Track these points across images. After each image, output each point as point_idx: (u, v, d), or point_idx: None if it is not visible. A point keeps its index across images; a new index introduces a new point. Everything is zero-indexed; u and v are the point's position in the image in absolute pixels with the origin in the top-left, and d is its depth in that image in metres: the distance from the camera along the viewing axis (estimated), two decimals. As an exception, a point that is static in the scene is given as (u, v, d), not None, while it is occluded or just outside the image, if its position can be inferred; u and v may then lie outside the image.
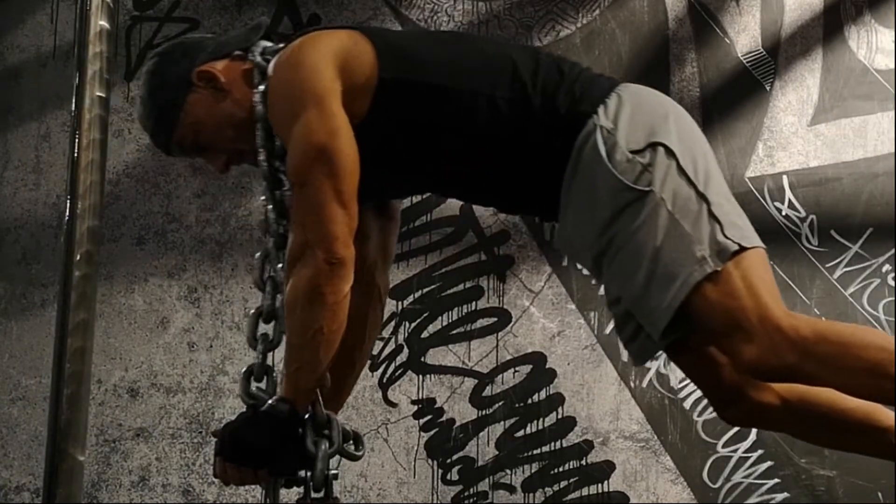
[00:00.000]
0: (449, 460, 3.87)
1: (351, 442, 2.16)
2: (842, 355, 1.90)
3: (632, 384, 3.84)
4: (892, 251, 3.74)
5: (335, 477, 2.11)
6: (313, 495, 2.05)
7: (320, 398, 2.10)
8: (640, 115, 2.05)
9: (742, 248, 1.95)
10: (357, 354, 2.31)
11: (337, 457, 2.10)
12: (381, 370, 3.94)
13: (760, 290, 1.93)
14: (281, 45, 2.18)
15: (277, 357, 4.19)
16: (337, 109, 2.05)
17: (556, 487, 3.83)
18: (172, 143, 2.23)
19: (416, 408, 3.91)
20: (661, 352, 2.15)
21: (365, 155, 2.06)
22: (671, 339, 2.04)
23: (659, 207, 1.97)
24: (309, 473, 2.05)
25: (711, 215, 1.97)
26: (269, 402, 2.06)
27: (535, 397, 3.88)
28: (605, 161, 2.00)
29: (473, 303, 3.96)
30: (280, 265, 2.13)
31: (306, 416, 2.06)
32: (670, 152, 2.00)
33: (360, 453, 2.19)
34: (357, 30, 2.16)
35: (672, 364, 3.82)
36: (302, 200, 2.04)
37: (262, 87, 2.12)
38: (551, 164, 2.06)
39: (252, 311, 2.20)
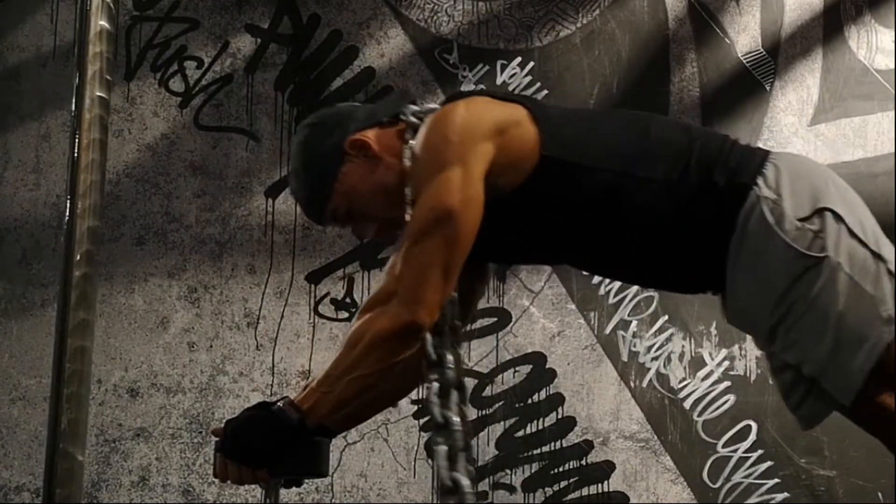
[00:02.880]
0: (449, 460, 3.87)
1: None
2: None
3: (632, 384, 3.84)
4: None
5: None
6: None
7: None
8: (800, 183, 2.06)
9: None
10: (398, 397, 2.35)
11: (335, 454, 2.10)
12: (381, 370, 3.93)
13: None
14: (434, 106, 2.17)
15: (278, 357, 4.19)
16: (479, 177, 2.04)
17: (556, 487, 3.83)
18: (326, 213, 2.23)
19: (415, 408, 3.91)
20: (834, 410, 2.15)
21: (510, 223, 2.07)
22: (859, 400, 2.05)
23: (837, 272, 1.98)
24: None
25: (890, 273, 2.00)
26: (280, 404, 2.05)
27: (535, 397, 3.88)
28: (777, 231, 2.01)
29: (473, 303, 3.96)
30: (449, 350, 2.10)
31: (317, 425, 2.06)
32: (838, 217, 2.02)
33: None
34: (521, 104, 2.15)
35: (672, 364, 3.83)
36: (409, 255, 2.02)
37: (412, 143, 2.12)
38: (714, 240, 2.06)
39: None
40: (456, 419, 2.00)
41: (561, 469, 3.83)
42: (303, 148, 2.23)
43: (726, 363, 3.81)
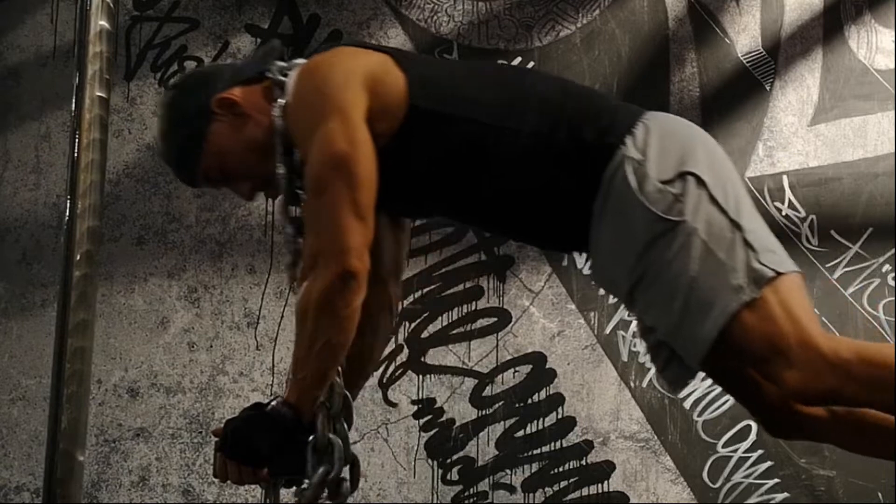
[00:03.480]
0: (449, 460, 3.87)
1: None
2: (883, 377, 1.90)
3: (632, 384, 3.84)
4: (892, 251, 3.74)
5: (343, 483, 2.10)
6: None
7: (326, 418, 2.08)
8: (669, 145, 2.05)
9: (778, 274, 1.96)
10: (365, 362, 2.30)
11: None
12: (381, 370, 3.94)
13: (799, 315, 1.94)
14: (300, 60, 2.17)
15: (278, 357, 4.20)
16: (360, 122, 2.03)
17: (556, 487, 3.83)
18: (198, 175, 2.22)
19: (416, 408, 3.91)
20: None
21: (385, 178, 2.05)
22: (709, 366, 2.05)
23: (692, 237, 1.97)
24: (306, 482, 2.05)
25: (746, 243, 1.98)
26: (273, 403, 2.05)
27: (535, 397, 3.88)
28: (637, 193, 2.00)
29: (473, 303, 3.96)
30: None
31: (311, 420, 2.06)
32: (700, 181, 2.01)
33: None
34: (388, 54, 2.15)
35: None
36: (318, 209, 2.02)
37: (280, 101, 2.11)
38: (579, 197, 2.06)
39: None
40: None
41: (561, 469, 3.83)
42: (169, 110, 2.22)
43: (726, 363, 3.81)
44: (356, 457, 2.14)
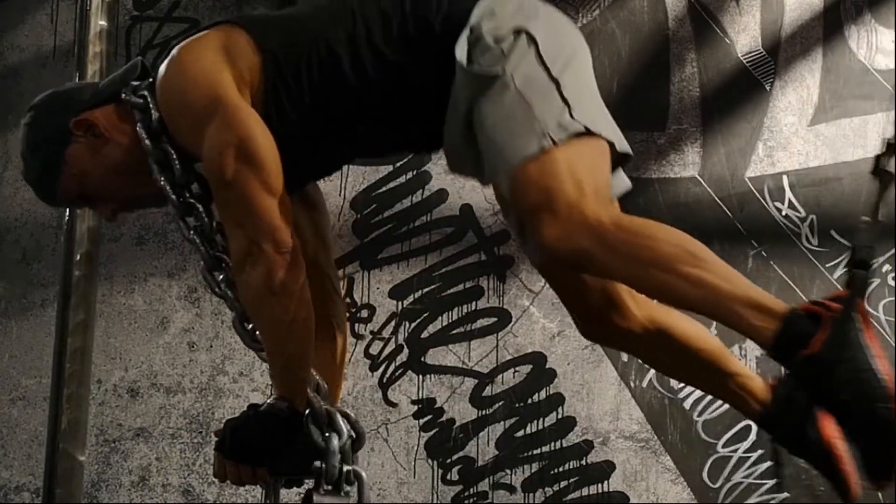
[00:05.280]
0: (449, 460, 3.87)
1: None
2: (634, 245, 1.85)
3: (632, 384, 3.84)
4: (892, 251, 3.74)
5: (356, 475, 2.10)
6: (326, 487, 2.05)
7: (317, 394, 2.09)
8: (509, 8, 2.02)
9: (588, 132, 1.92)
10: (330, 354, 2.27)
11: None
12: (381, 370, 3.94)
13: (583, 177, 1.89)
14: (151, 80, 2.15)
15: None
16: (238, 100, 2.02)
17: (556, 487, 3.83)
18: (58, 196, 2.22)
19: (416, 408, 3.91)
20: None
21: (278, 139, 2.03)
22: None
23: (507, 87, 1.93)
24: (323, 467, 2.04)
25: (562, 97, 1.94)
26: (268, 401, 2.05)
27: (535, 397, 3.88)
28: (463, 58, 1.97)
29: (473, 303, 3.96)
30: (223, 283, 2.12)
31: (306, 412, 2.06)
32: (532, 39, 1.97)
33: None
34: (224, 23, 2.13)
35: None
36: (231, 202, 2.01)
37: (142, 123, 2.10)
38: (441, 90, 2.03)
39: (234, 320, 2.15)
40: None
41: (561, 469, 3.83)
42: (29, 131, 2.21)
43: (726, 363, 3.80)
44: (361, 428, 2.15)
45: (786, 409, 1.97)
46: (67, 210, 3.41)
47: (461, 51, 1.97)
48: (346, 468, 2.06)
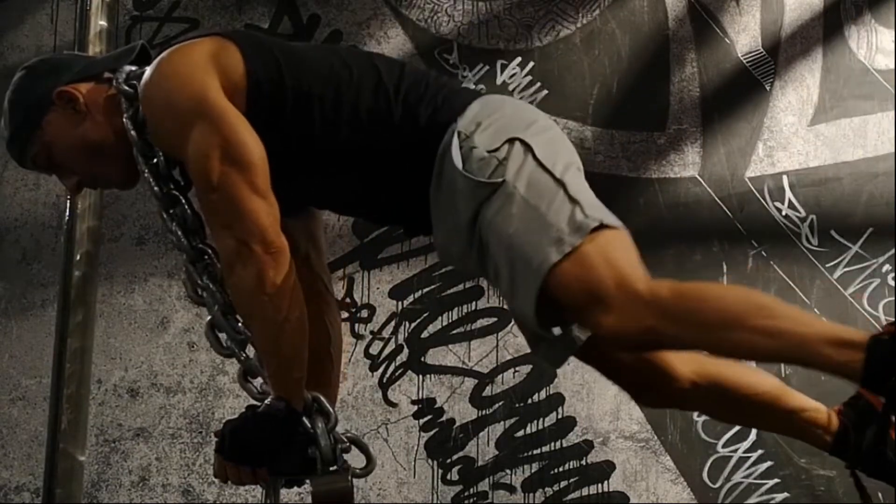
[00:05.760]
0: (449, 460, 3.87)
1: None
2: (699, 310, 1.84)
3: (632, 384, 3.84)
4: (892, 251, 3.74)
5: (345, 450, 2.10)
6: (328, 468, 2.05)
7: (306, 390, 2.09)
8: (500, 120, 2.02)
9: (603, 226, 1.91)
10: (325, 355, 2.27)
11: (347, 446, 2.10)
12: (381, 370, 3.94)
13: (618, 260, 1.88)
14: (148, 70, 2.13)
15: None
16: (225, 103, 2.02)
17: (556, 487, 3.83)
18: (26, 156, 2.23)
19: (416, 408, 3.91)
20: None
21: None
22: (549, 329, 2.00)
23: (512, 195, 1.94)
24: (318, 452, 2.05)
25: (570, 198, 1.93)
26: (266, 402, 2.05)
27: (535, 397, 3.88)
28: (459, 164, 1.97)
29: (473, 303, 3.96)
30: (205, 276, 2.12)
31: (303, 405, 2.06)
32: (526, 145, 1.98)
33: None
34: (217, 35, 2.13)
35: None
36: (219, 204, 2.01)
37: (130, 113, 2.11)
38: (416, 177, 2.04)
39: (206, 326, 2.15)
40: None
41: (561, 469, 3.83)
42: (14, 89, 2.23)
43: (726, 363, 3.80)
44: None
45: (860, 434, 1.97)
46: (67, 210, 3.41)
47: (457, 157, 1.98)
48: (339, 446, 2.07)
